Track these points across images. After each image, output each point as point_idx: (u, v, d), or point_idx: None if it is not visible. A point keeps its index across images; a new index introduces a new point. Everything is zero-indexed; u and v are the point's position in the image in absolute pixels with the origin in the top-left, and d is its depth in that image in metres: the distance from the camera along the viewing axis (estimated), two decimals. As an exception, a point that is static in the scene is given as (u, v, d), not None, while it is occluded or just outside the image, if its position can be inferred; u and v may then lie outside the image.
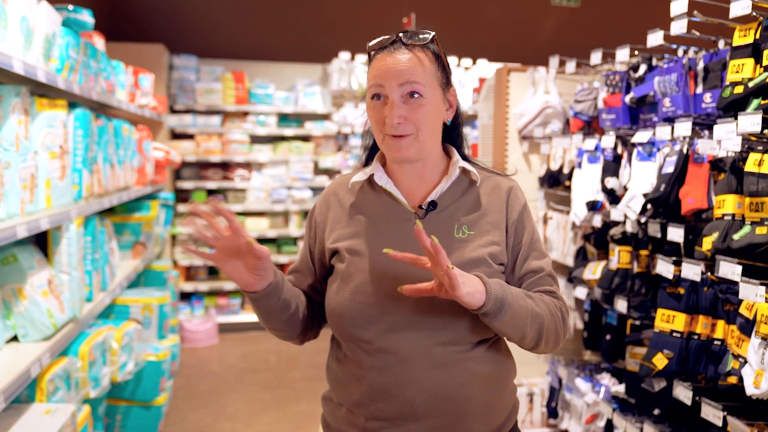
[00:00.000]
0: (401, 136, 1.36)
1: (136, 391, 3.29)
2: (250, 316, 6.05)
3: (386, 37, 1.40)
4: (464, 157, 1.52)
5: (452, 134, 1.53)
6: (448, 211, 1.43)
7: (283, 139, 6.42)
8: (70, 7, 2.89)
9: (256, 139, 6.32)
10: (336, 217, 1.48)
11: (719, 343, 2.13)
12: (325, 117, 6.45)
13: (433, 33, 1.39)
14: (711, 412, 2.07)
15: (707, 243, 2.07)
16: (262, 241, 6.33)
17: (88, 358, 2.59)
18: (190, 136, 6.15)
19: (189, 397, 4.35)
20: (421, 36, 1.38)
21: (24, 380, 1.99)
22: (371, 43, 1.41)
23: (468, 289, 1.23)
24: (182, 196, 6.10)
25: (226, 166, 6.22)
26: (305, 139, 6.45)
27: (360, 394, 1.38)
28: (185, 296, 6.02)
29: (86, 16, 2.97)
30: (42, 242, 2.58)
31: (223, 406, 4.22)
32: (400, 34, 1.39)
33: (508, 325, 1.31)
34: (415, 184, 1.46)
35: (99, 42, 3.38)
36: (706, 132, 2.33)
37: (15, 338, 2.29)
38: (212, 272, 6.29)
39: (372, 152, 1.56)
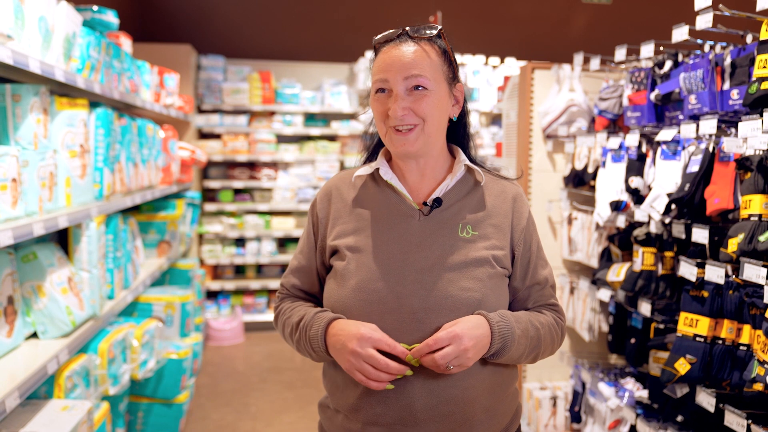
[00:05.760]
0: (407, 131, 1.34)
1: (158, 389, 3.31)
2: (275, 315, 6.07)
3: (392, 30, 1.38)
4: (470, 159, 1.50)
5: (458, 133, 1.50)
6: (452, 209, 1.41)
7: (309, 138, 6.43)
8: (95, 7, 2.91)
9: (282, 139, 6.35)
10: (337, 212, 1.46)
11: (745, 348, 2.05)
12: (352, 116, 6.44)
13: (439, 27, 1.36)
14: (735, 420, 2.00)
15: (732, 244, 1.99)
16: (288, 240, 6.37)
17: (108, 355, 2.61)
18: (217, 136, 6.20)
19: (212, 396, 4.38)
20: (427, 29, 1.36)
21: (40, 377, 2.01)
22: (377, 37, 1.39)
23: (472, 361, 1.30)
24: (209, 195, 6.16)
25: (252, 166, 6.26)
26: (331, 138, 6.46)
27: (356, 397, 1.35)
28: (212, 295, 6.07)
29: (111, 17, 2.99)
30: (63, 240, 2.61)
31: (245, 405, 4.24)
32: (407, 28, 1.37)
33: (504, 362, 1.39)
34: (420, 181, 1.43)
35: (126, 43, 3.41)
36: (733, 130, 2.25)
37: (35, 335, 2.32)
38: (239, 271, 6.34)
39: (374, 151, 1.54)
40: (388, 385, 1.28)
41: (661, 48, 2.70)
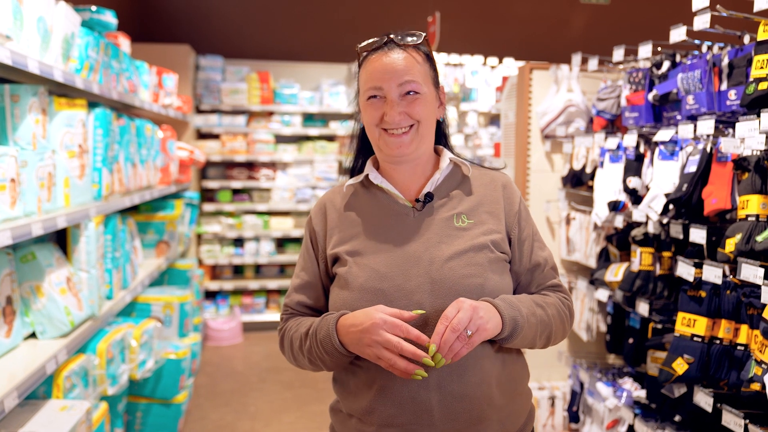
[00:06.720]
0: (402, 133, 1.38)
1: (156, 389, 3.32)
2: (274, 316, 6.08)
3: (377, 39, 1.42)
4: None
5: (438, 131, 1.54)
6: (445, 201, 1.45)
7: (307, 138, 6.44)
8: (93, 7, 2.92)
9: (281, 139, 6.35)
10: (333, 222, 1.49)
11: (742, 348, 2.06)
12: (350, 117, 6.40)
13: (424, 34, 1.41)
14: (732, 420, 2.00)
15: (730, 245, 2.00)
16: (287, 240, 6.37)
17: (106, 355, 2.62)
18: (215, 136, 6.20)
19: (211, 396, 4.38)
20: (413, 37, 1.41)
21: (39, 377, 2.01)
22: (362, 45, 1.43)
23: (483, 337, 1.28)
24: (208, 195, 6.16)
25: (251, 166, 6.26)
26: (330, 138, 6.46)
27: (370, 399, 1.36)
28: (210, 295, 6.07)
29: (109, 17, 3.00)
30: (62, 240, 2.61)
31: (244, 405, 4.24)
32: (391, 35, 1.41)
33: (519, 344, 1.39)
34: (409, 180, 1.47)
35: (125, 43, 3.41)
36: (731, 130, 2.26)
37: (33, 335, 2.32)
38: (237, 271, 6.34)
39: (360, 151, 1.57)
40: (414, 376, 1.24)
41: (659, 48, 2.71)
